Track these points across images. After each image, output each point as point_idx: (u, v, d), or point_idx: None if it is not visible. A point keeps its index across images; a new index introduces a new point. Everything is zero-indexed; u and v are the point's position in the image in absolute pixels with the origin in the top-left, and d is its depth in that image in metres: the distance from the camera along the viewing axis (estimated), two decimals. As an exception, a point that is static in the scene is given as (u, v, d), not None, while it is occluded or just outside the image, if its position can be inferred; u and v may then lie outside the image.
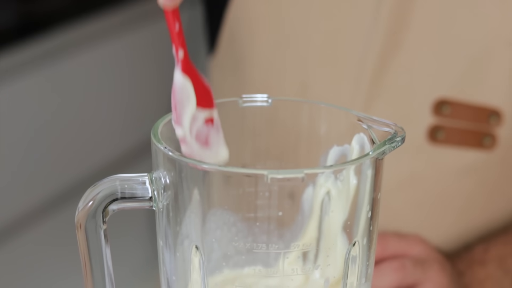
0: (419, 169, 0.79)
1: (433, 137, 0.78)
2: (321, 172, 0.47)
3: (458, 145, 0.79)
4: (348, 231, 0.48)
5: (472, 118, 0.78)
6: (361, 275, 0.49)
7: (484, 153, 0.78)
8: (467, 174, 0.79)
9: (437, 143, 0.79)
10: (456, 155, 0.79)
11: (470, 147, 0.78)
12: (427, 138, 0.78)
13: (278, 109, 0.54)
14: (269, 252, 0.47)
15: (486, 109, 0.78)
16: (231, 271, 0.50)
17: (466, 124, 0.78)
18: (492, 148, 0.78)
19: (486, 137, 0.78)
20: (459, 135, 0.79)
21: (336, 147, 0.53)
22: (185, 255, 0.48)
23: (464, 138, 0.79)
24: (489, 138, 0.78)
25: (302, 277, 0.48)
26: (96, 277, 0.49)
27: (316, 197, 0.47)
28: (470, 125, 0.78)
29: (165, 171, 0.47)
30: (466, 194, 0.80)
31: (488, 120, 0.78)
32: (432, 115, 0.78)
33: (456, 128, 0.78)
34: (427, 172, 0.79)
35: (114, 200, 0.48)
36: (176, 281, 0.49)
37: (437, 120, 0.78)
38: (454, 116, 0.78)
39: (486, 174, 0.79)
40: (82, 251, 0.49)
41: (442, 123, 0.78)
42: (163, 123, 0.50)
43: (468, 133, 0.79)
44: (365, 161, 0.47)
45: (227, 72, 0.85)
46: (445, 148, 0.79)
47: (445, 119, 0.78)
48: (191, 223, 0.47)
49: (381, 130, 0.50)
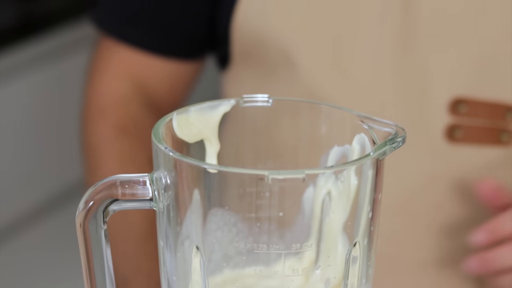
0: (439, 169, 0.79)
1: (451, 136, 0.78)
2: (322, 173, 0.46)
3: (476, 143, 0.79)
4: (348, 231, 0.48)
5: (489, 116, 0.78)
6: (362, 275, 0.49)
7: (502, 149, 0.79)
8: (487, 171, 0.79)
9: (455, 142, 0.79)
10: (475, 153, 0.79)
11: (488, 144, 0.79)
12: (445, 138, 0.78)
13: (278, 109, 0.54)
14: (269, 252, 0.47)
15: (502, 106, 0.78)
16: (231, 272, 0.49)
17: (483, 121, 0.79)
18: (509, 144, 0.79)
19: (503, 133, 0.79)
20: (476, 133, 0.79)
21: (337, 147, 0.53)
22: (185, 255, 0.48)
23: (482, 135, 0.79)
24: (506, 135, 0.79)
25: (302, 277, 0.47)
26: (96, 277, 0.49)
27: (317, 197, 0.47)
28: (487, 123, 0.79)
29: (166, 171, 0.47)
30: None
31: (504, 116, 0.78)
32: (449, 115, 0.78)
33: (473, 126, 0.78)
34: (448, 172, 0.79)
35: (115, 200, 0.48)
36: (177, 281, 0.49)
37: (454, 119, 0.78)
38: (471, 115, 0.78)
39: (505, 171, 0.80)
40: (83, 251, 0.48)
41: (459, 122, 0.78)
42: (163, 123, 0.50)
43: (485, 130, 0.79)
44: (366, 161, 0.47)
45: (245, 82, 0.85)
46: (463, 146, 0.79)
47: (462, 118, 0.78)
48: (192, 224, 0.47)
49: (382, 130, 0.49)
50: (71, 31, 1.73)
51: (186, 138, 0.52)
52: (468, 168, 0.79)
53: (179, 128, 0.51)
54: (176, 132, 0.51)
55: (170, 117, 0.51)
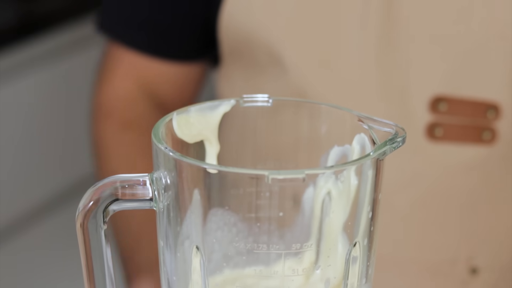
0: (420, 168, 0.79)
1: (432, 134, 0.78)
2: (322, 173, 0.46)
3: (457, 142, 0.78)
4: (348, 231, 0.48)
5: (470, 114, 0.78)
6: (362, 275, 0.49)
7: (484, 148, 0.78)
8: (469, 170, 0.79)
9: (436, 140, 0.78)
10: (456, 151, 0.79)
11: (470, 142, 0.78)
12: (425, 136, 0.78)
13: (278, 109, 0.54)
14: (269, 252, 0.47)
15: (483, 104, 0.78)
16: (231, 272, 0.50)
17: (464, 119, 0.78)
18: (492, 143, 0.78)
19: (485, 131, 0.78)
20: (457, 131, 0.78)
21: (337, 147, 0.53)
22: (185, 255, 0.48)
23: (463, 134, 0.79)
24: (488, 133, 0.78)
25: (302, 277, 0.47)
26: (96, 277, 0.49)
27: (317, 197, 0.47)
28: (468, 121, 0.78)
29: (166, 171, 0.47)
30: (469, 191, 0.80)
31: (485, 114, 0.78)
32: (429, 113, 0.78)
33: (454, 125, 0.78)
34: (428, 171, 0.79)
35: (115, 200, 0.48)
36: (177, 281, 0.49)
37: (435, 118, 0.78)
38: (451, 113, 0.78)
39: (487, 169, 0.79)
40: (83, 251, 0.48)
41: (440, 120, 0.78)
42: (163, 123, 0.50)
43: (466, 128, 0.78)
44: (366, 161, 0.47)
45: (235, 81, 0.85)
46: (444, 145, 0.78)
47: (442, 116, 0.78)
48: (192, 224, 0.47)
49: (382, 130, 0.49)
50: (71, 31, 1.73)
51: (186, 138, 0.52)
52: (449, 167, 0.79)
53: (179, 128, 0.51)
54: (176, 132, 0.51)
55: (170, 117, 0.51)
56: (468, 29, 0.77)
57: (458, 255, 0.81)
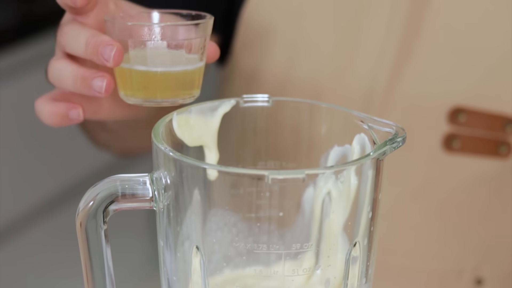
0: (434, 178, 0.79)
1: (449, 145, 0.78)
2: (322, 173, 0.46)
3: (473, 154, 0.78)
4: (348, 231, 0.48)
5: (488, 127, 0.78)
6: (362, 275, 0.49)
7: (500, 161, 0.78)
8: (482, 183, 0.78)
9: (452, 151, 0.78)
10: (472, 164, 0.78)
11: (486, 155, 0.78)
12: (442, 147, 0.78)
13: (278, 109, 0.54)
14: (269, 252, 0.47)
15: (502, 118, 0.77)
16: (231, 272, 0.50)
17: (482, 132, 0.78)
18: (508, 157, 0.78)
19: (502, 145, 0.78)
20: (474, 144, 0.78)
21: (337, 147, 0.53)
22: (185, 255, 0.48)
23: (480, 146, 0.78)
24: (505, 147, 0.78)
25: (302, 277, 0.47)
26: (96, 277, 0.49)
27: (317, 197, 0.47)
28: (486, 134, 0.78)
29: (166, 171, 0.47)
30: (480, 203, 0.79)
31: (504, 128, 0.78)
32: (448, 124, 0.78)
33: (471, 137, 0.78)
34: (442, 182, 0.79)
35: (115, 200, 0.48)
36: (177, 281, 0.49)
37: (453, 129, 0.78)
38: (470, 125, 0.78)
39: (499, 182, 0.79)
40: (83, 251, 0.48)
41: (458, 132, 0.78)
42: (163, 123, 0.50)
43: (483, 141, 0.78)
44: (366, 161, 0.47)
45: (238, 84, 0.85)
46: (460, 156, 0.78)
47: (460, 128, 0.78)
48: (192, 224, 0.47)
49: (382, 130, 0.49)
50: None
51: (186, 140, 0.52)
52: (464, 179, 0.79)
53: (179, 128, 0.51)
54: (176, 132, 0.51)
55: (170, 117, 0.51)
56: (492, 43, 0.76)
57: (464, 266, 0.81)
